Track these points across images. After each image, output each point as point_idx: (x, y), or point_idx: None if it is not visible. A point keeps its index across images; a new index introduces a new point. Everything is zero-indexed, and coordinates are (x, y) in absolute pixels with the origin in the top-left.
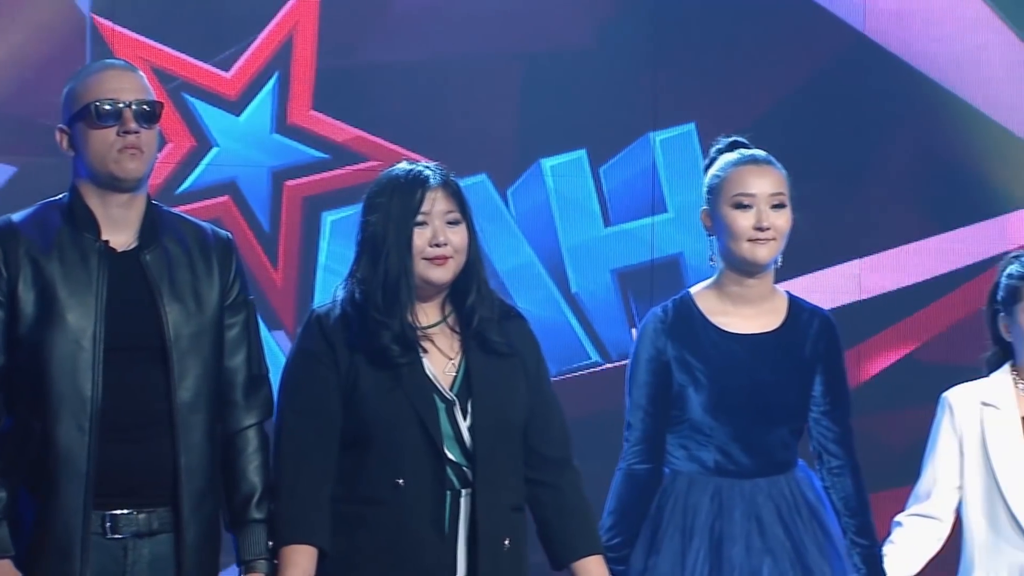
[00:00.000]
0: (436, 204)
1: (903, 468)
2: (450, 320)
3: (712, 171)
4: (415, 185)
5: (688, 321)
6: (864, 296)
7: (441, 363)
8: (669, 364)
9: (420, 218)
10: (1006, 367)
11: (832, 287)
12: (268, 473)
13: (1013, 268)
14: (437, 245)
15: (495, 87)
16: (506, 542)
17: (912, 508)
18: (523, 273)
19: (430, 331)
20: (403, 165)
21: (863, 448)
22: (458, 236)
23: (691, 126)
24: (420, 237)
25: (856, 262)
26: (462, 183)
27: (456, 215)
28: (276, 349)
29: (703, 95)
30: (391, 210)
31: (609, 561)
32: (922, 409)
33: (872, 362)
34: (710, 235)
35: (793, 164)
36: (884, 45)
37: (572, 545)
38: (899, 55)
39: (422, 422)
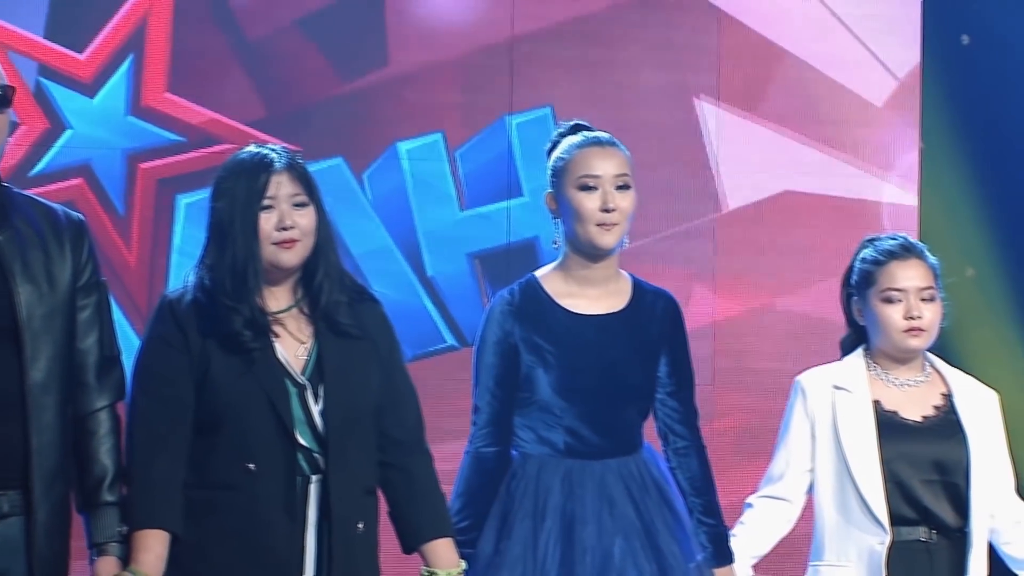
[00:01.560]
0: (282, 187)
1: None
2: (302, 304)
3: (556, 154)
4: (260, 169)
5: (535, 303)
6: None
7: (293, 347)
8: (517, 346)
9: (266, 202)
10: (859, 351)
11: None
12: (120, 456)
13: (867, 252)
14: (284, 228)
15: (350, 70)
16: (359, 526)
17: (763, 490)
18: (379, 257)
19: (281, 316)
20: (250, 148)
21: None
22: (305, 219)
23: (547, 110)
24: (266, 221)
25: None
26: (317, 166)
27: (303, 197)
28: (129, 332)
29: (559, 78)
30: (236, 195)
31: (458, 544)
32: None
33: None
34: (555, 218)
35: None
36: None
37: (421, 528)
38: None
39: (273, 407)
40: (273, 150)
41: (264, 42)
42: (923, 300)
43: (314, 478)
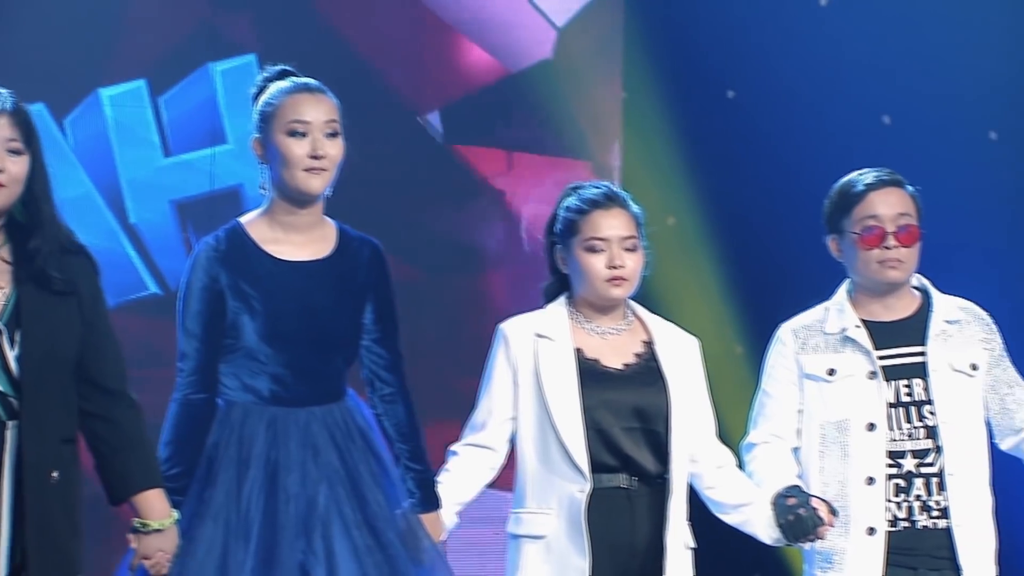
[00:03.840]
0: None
1: None
2: (2, 251)
3: (263, 99)
4: None
5: (241, 249)
6: None
7: None
8: (223, 292)
9: None
10: (562, 299)
11: None
12: None
13: (571, 201)
14: None
15: (53, 16)
16: (54, 474)
17: (467, 438)
18: (80, 204)
19: None
20: None
21: None
22: (17, 166)
23: (252, 57)
24: None
25: None
26: None
27: (18, 144)
28: None
29: (263, 25)
30: None
31: (169, 492)
32: None
33: None
34: (262, 163)
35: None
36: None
37: (130, 479)
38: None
39: None
40: None
41: None
42: (626, 250)
43: (10, 424)
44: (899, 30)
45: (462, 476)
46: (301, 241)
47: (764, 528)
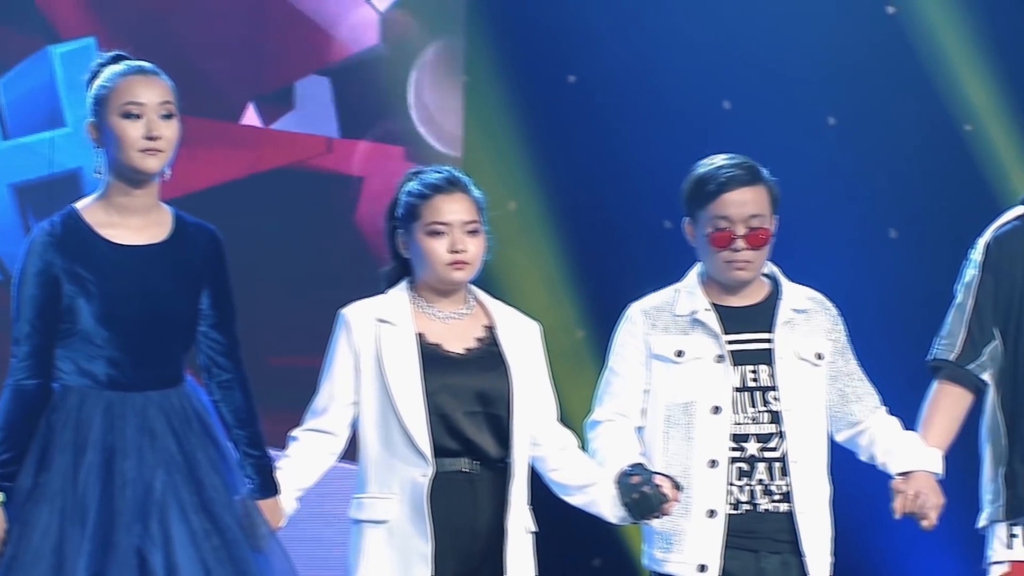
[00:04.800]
0: None
1: None
2: None
3: (98, 82)
4: None
5: (76, 234)
6: None
7: None
8: (58, 277)
9: None
10: (404, 284)
11: None
12: None
13: (412, 186)
14: None
15: None
16: None
17: (308, 423)
18: None
19: None
20: None
21: None
22: None
23: (90, 40)
24: None
25: None
26: None
27: None
28: None
29: (103, 7)
30: None
31: None
32: None
33: None
34: (98, 147)
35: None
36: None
37: None
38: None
39: None
40: None
41: None
42: (468, 234)
43: None
44: (739, 15)
45: (302, 462)
46: (137, 225)
47: (609, 507)
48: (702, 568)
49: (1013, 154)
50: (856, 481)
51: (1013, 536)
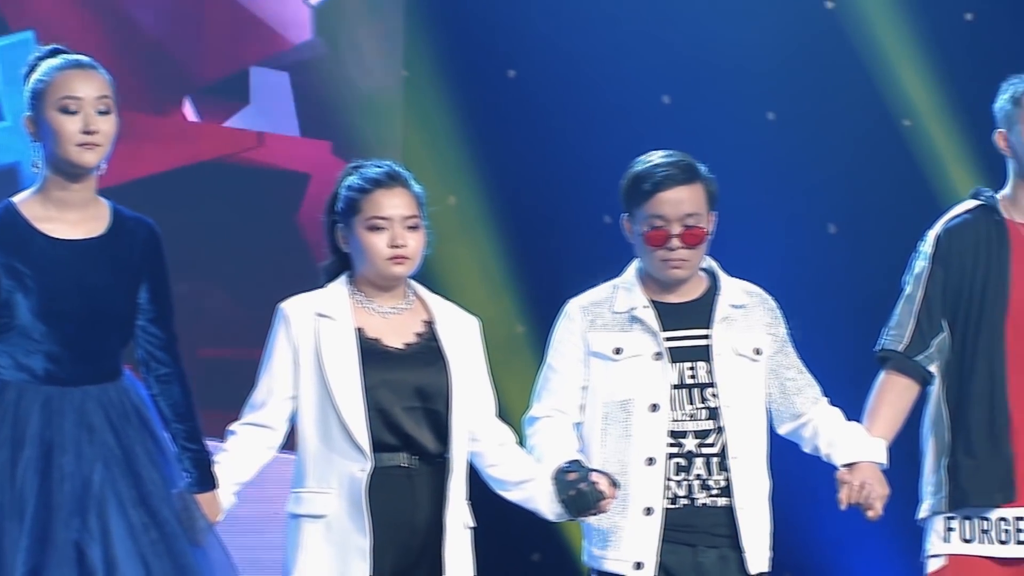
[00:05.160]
0: None
1: None
2: None
3: (35, 76)
4: None
5: (13, 229)
6: None
7: None
8: None
9: None
10: (343, 278)
11: None
12: None
13: (352, 180)
14: None
15: None
16: None
17: (246, 417)
18: None
19: None
20: None
21: None
22: None
23: (29, 34)
24: None
25: None
26: None
27: None
28: None
29: (42, 1)
30: None
31: None
32: None
33: None
34: (35, 141)
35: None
36: None
37: None
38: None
39: None
40: None
41: None
42: (408, 228)
43: None
44: (678, 9)
45: (240, 456)
46: (75, 219)
47: (546, 504)
48: (638, 565)
49: (951, 149)
50: (798, 474)
51: (950, 529)
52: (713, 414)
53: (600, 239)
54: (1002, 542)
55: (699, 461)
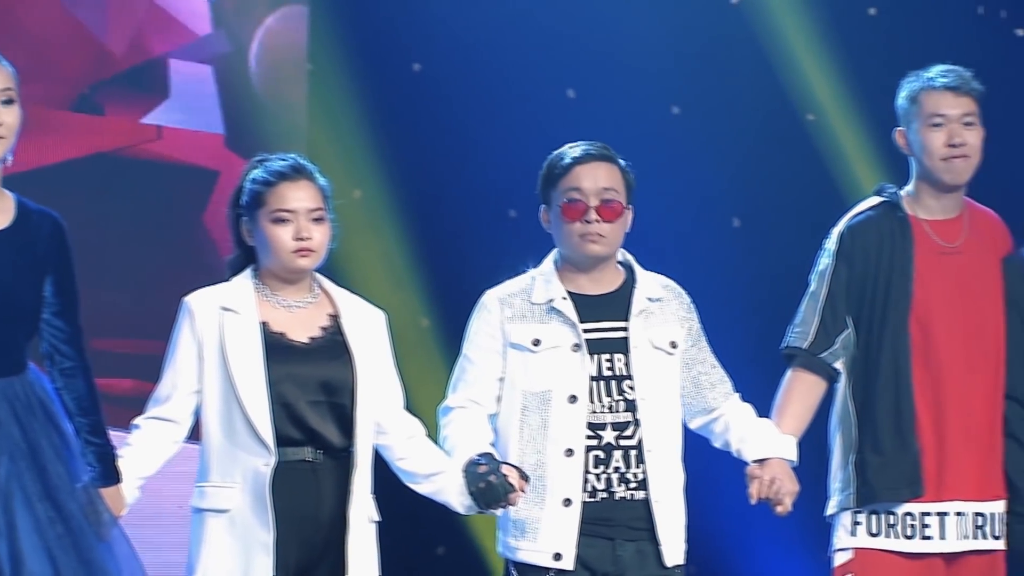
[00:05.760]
0: None
1: None
2: None
3: None
4: None
5: None
6: None
7: None
8: None
9: None
10: (248, 272)
11: None
12: None
13: (257, 173)
14: None
15: None
16: None
17: (150, 411)
18: None
19: None
20: None
21: None
22: None
23: None
24: None
25: None
26: None
27: None
28: None
29: None
30: None
31: None
32: None
33: None
34: None
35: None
36: None
37: None
38: None
39: None
40: None
41: None
42: (313, 221)
43: None
44: (583, 3)
45: (144, 450)
46: None
47: (456, 496)
48: (557, 556)
49: (855, 144)
50: (711, 468)
51: (857, 523)
52: (631, 406)
53: (505, 233)
54: (908, 537)
55: (617, 454)
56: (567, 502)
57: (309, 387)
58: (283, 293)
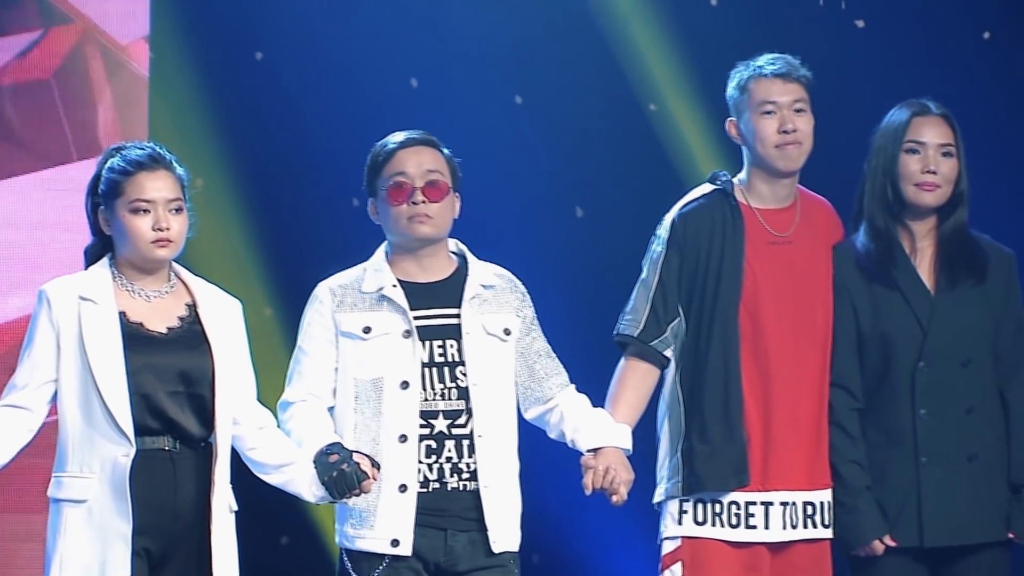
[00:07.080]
0: None
1: None
2: None
3: None
4: None
5: None
6: None
7: None
8: None
9: None
10: (105, 261)
11: None
12: None
13: (115, 162)
14: None
15: None
16: None
17: (6, 398)
18: None
19: None
20: None
21: None
22: None
23: None
24: None
25: None
26: None
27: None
28: None
29: None
30: None
31: None
32: None
33: None
34: None
35: None
36: None
37: None
38: None
39: None
40: None
41: None
42: (171, 211)
43: None
44: None
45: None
46: None
47: (307, 487)
48: (395, 543)
49: (697, 133)
50: (551, 456)
51: (684, 512)
52: (463, 394)
53: (348, 221)
54: (733, 526)
55: (450, 443)
56: (403, 488)
57: (168, 377)
58: (140, 283)
